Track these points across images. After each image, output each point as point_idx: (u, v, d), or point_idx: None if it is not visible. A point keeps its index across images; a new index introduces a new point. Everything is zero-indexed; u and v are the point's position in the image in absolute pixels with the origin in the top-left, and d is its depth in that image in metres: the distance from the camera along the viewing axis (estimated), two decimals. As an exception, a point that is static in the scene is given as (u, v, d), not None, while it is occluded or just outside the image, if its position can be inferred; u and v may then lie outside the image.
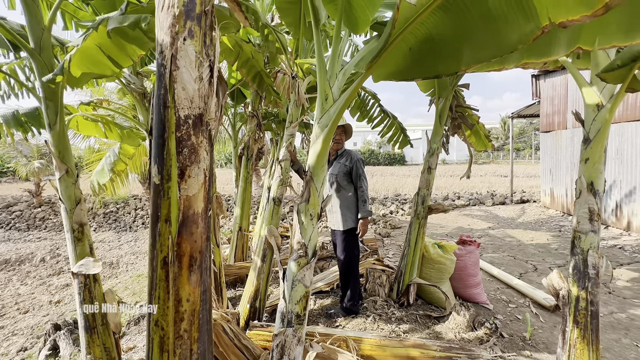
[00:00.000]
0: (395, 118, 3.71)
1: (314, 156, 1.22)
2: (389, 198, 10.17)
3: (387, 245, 5.14)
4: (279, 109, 4.61)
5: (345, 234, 2.50)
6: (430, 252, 2.85)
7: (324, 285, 3.08)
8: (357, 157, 2.55)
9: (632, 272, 3.86)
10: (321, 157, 1.22)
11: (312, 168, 1.23)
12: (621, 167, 5.44)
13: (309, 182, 1.21)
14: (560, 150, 7.03)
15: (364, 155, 31.67)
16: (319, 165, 1.23)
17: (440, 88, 2.76)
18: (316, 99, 3.89)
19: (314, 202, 1.23)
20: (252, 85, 3.60)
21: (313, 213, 1.24)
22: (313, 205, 1.23)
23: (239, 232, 3.77)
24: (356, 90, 1.08)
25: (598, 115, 1.60)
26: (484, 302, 3.01)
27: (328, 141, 1.20)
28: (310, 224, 1.27)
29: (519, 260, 4.41)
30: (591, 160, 1.61)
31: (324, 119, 1.18)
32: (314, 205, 1.24)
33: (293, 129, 2.84)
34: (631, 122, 5.21)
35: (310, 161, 1.24)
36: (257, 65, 3.49)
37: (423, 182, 2.86)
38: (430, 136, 2.89)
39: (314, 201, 1.23)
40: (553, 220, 6.69)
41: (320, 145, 1.19)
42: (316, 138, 1.21)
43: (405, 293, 2.84)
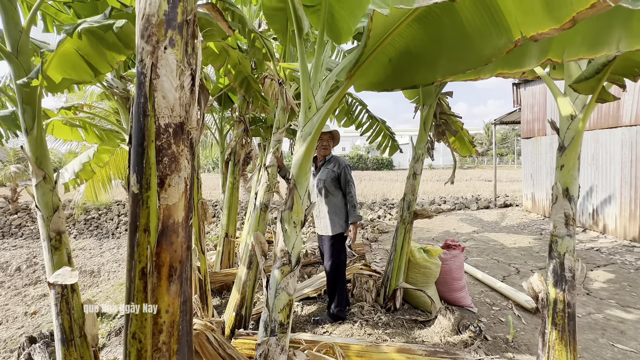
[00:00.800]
0: (384, 123, 3.77)
1: (297, 164, 1.23)
2: (377, 203, 10.25)
3: (375, 250, 5.17)
4: (267, 115, 4.61)
5: (332, 239, 2.50)
6: (416, 257, 2.88)
7: (311, 291, 3.07)
8: (344, 163, 2.57)
9: (608, 273, 4.01)
10: (304, 165, 1.22)
11: (296, 176, 1.24)
12: (597, 172, 5.66)
13: (293, 189, 1.21)
14: (540, 155, 7.27)
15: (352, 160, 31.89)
16: (302, 173, 1.23)
17: (424, 96, 2.82)
18: None
19: (297, 210, 1.23)
20: (240, 91, 3.60)
21: (297, 221, 1.24)
22: (297, 213, 1.23)
23: (226, 239, 3.72)
24: (339, 99, 1.10)
25: (572, 125, 1.67)
26: (468, 306, 3.06)
27: (311, 149, 1.21)
28: (293, 231, 1.26)
29: (502, 263, 4.51)
30: (566, 167, 1.67)
31: (307, 127, 1.19)
32: (298, 213, 1.24)
33: (280, 135, 2.84)
34: (605, 129, 5.45)
35: (293, 169, 1.24)
36: (244, 70, 3.49)
37: (409, 188, 2.90)
38: (415, 142, 2.94)
39: (297, 209, 1.23)
40: (534, 224, 6.89)
41: (303, 153, 1.20)
42: (300, 146, 1.21)
43: (392, 298, 2.86)
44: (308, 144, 1.18)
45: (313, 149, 1.21)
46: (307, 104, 1.20)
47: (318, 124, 1.16)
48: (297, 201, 1.21)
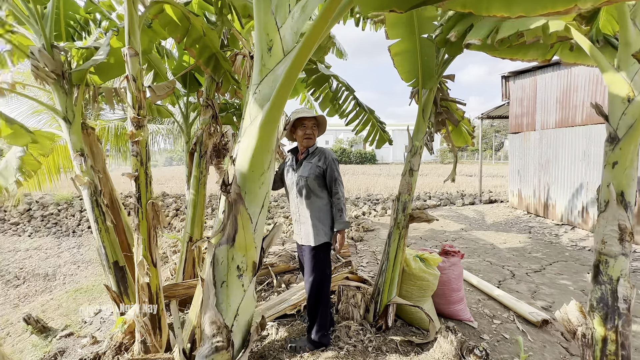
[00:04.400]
0: (372, 112, 3.31)
1: (246, 155, 0.74)
2: (361, 198, 9.89)
3: (361, 251, 4.77)
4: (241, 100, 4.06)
5: (315, 251, 2.03)
6: (411, 267, 2.47)
7: (288, 308, 2.60)
8: (331, 156, 2.09)
9: (606, 276, 3.79)
10: (260, 158, 0.73)
11: (243, 177, 0.74)
12: (588, 169, 5.50)
13: (236, 204, 0.71)
14: (528, 151, 7.10)
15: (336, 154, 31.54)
16: (256, 174, 0.74)
17: (424, 77, 2.38)
18: None
19: (245, 243, 0.72)
20: (206, 70, 3.02)
21: (244, 264, 0.74)
22: (243, 249, 0.73)
23: (190, 243, 3.18)
24: (329, 28, 0.63)
25: (629, 108, 1.27)
26: (467, 320, 2.70)
27: (272, 128, 0.72)
28: (237, 285, 0.78)
29: (495, 265, 4.22)
30: (621, 165, 1.27)
31: (265, 86, 0.71)
32: (247, 249, 0.73)
33: (251, 121, 2.32)
34: (598, 124, 5.26)
35: (239, 164, 0.74)
36: (211, 45, 2.91)
37: (404, 186, 2.47)
38: (412, 133, 2.51)
39: (245, 241, 0.73)
40: (521, 221, 6.73)
41: (257, 134, 0.71)
42: (251, 121, 0.73)
43: (384, 315, 2.44)
44: (266, 117, 0.69)
45: (275, 129, 0.73)
46: (265, 42, 0.70)
47: (284, 78, 0.67)
48: (244, 226, 0.71)
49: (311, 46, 0.62)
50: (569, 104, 5.87)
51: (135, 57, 2.07)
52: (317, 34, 0.60)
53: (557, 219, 6.24)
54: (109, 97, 2.77)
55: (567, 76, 5.88)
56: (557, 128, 6.23)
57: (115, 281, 2.60)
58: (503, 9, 0.75)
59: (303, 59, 0.67)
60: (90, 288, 5.48)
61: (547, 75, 6.38)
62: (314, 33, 0.59)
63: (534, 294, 3.35)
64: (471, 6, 0.79)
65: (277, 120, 0.72)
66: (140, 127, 2.10)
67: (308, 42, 0.61)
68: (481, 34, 1.82)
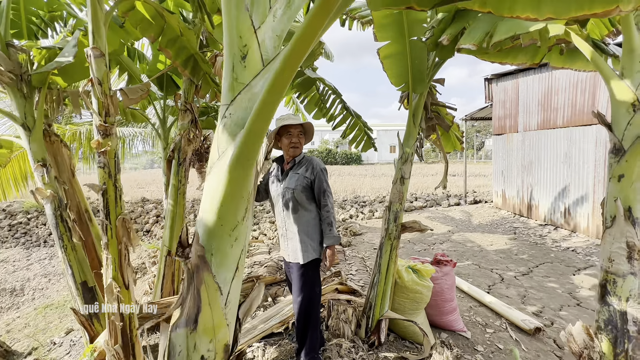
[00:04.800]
0: (359, 117, 3.20)
1: (212, 204, 0.58)
2: (348, 200, 9.81)
3: (349, 257, 4.66)
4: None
5: (304, 269, 1.89)
6: (404, 279, 2.37)
7: (276, 325, 2.45)
8: (319, 166, 1.95)
9: (591, 277, 3.84)
10: (230, 206, 0.58)
11: (209, 233, 0.58)
12: (569, 170, 5.61)
13: (199, 271, 0.54)
14: (511, 152, 7.21)
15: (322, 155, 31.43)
16: (227, 227, 0.58)
17: (414, 81, 2.28)
18: None
19: (212, 324, 0.53)
20: (184, 72, 2.83)
21: (211, 352, 0.57)
22: (210, 332, 0.55)
23: (169, 257, 2.97)
24: (326, 28, 0.49)
25: (635, 118, 1.20)
26: (461, 330, 2.63)
27: (246, 164, 0.56)
28: None
29: (483, 269, 4.21)
30: (627, 178, 1.20)
31: (237, 108, 0.55)
32: (215, 330, 0.55)
33: (232, 128, 2.16)
34: (579, 127, 5.37)
35: (203, 216, 0.58)
36: (189, 46, 2.72)
37: (395, 195, 2.37)
38: (402, 139, 2.41)
39: (212, 321, 0.56)
40: (506, 222, 6.81)
41: (226, 176, 0.55)
42: (219, 155, 0.58)
43: (376, 330, 2.33)
44: (238, 154, 0.53)
45: (252, 166, 0.58)
46: (237, 48, 0.54)
47: (264, 98, 0.52)
48: (210, 303, 0.53)
49: (303, 52, 0.46)
50: (550, 106, 5.98)
51: (100, 59, 1.86)
52: (311, 36, 0.44)
53: (541, 219, 6.35)
54: (75, 101, 2.54)
55: (548, 79, 5.99)
56: (539, 130, 6.34)
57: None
58: (529, 10, 0.64)
59: (291, 70, 0.50)
60: (62, 304, 5.12)
61: (529, 78, 6.49)
62: (307, 34, 0.43)
63: (524, 298, 3.33)
64: (491, 5, 0.68)
65: (254, 155, 0.55)
66: (107, 135, 1.90)
67: (299, 46, 0.44)
68: (475, 37, 1.74)
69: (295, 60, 0.47)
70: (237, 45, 0.55)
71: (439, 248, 5.21)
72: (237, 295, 0.61)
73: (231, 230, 0.62)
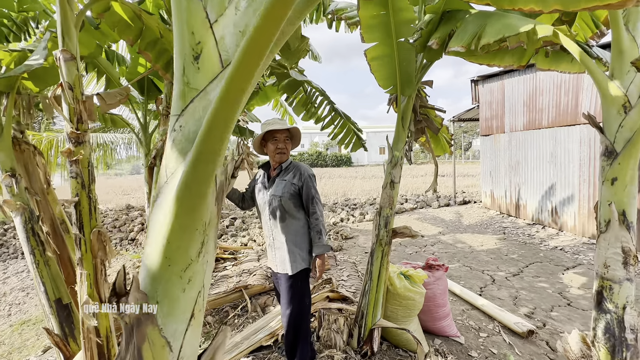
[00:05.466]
0: (348, 118, 3.15)
1: (157, 238, 0.48)
2: (339, 203, 9.76)
3: (341, 262, 4.59)
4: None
5: (292, 280, 1.81)
6: (396, 286, 2.31)
7: (264, 338, 2.35)
8: (307, 172, 1.87)
9: (579, 276, 3.87)
10: (181, 241, 0.47)
11: (153, 276, 0.47)
12: (555, 170, 5.69)
13: (141, 325, 0.43)
14: (499, 153, 7.29)
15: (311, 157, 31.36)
16: (177, 266, 0.47)
17: (403, 84, 2.24)
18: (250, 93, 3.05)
19: None
20: (165, 75, 2.72)
21: None
22: None
23: (151, 269, 2.83)
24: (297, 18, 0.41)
25: (626, 120, 1.17)
26: (454, 335, 2.59)
27: (199, 189, 0.47)
28: None
29: (475, 270, 4.20)
30: (620, 181, 1.17)
31: (189, 119, 0.46)
32: None
33: (215, 134, 2.07)
34: (564, 127, 5.46)
35: (148, 253, 0.49)
36: (170, 48, 2.62)
37: (385, 200, 2.31)
38: (392, 143, 2.36)
39: None
40: (495, 222, 6.87)
41: (173, 204, 0.46)
42: (167, 177, 0.49)
43: (369, 340, 2.26)
44: (188, 176, 0.44)
45: (207, 190, 0.49)
46: (188, 46, 0.47)
47: (217, 106, 0.43)
48: None
49: (265, 45, 0.37)
50: (535, 107, 6.07)
51: (71, 62, 1.75)
52: (273, 26, 0.35)
53: (529, 218, 6.42)
54: (46, 106, 2.40)
55: (533, 80, 6.09)
56: (525, 130, 6.43)
57: (58, 322, 2.23)
58: (533, 1, 0.59)
59: (252, 69, 0.41)
60: (40, 319, 4.87)
61: (514, 80, 6.58)
62: (271, 20, 0.34)
63: (516, 300, 3.32)
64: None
65: (207, 178, 0.48)
66: (80, 143, 1.78)
67: (258, 38, 0.35)
68: (464, 40, 1.71)
69: (259, 54, 0.39)
70: (189, 43, 0.45)
71: (430, 250, 5.19)
72: (195, 349, 0.51)
73: (182, 270, 0.52)
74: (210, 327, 2.80)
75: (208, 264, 0.53)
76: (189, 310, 0.52)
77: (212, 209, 0.52)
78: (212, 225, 0.52)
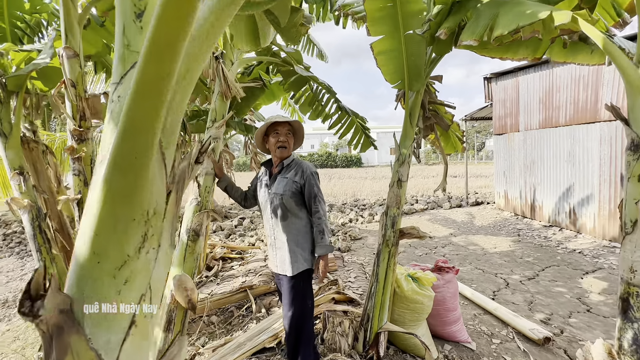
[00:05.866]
0: (356, 116, 3.08)
1: (87, 227, 0.42)
2: (348, 204, 9.67)
3: (348, 263, 4.51)
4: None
5: (295, 280, 1.75)
6: (403, 289, 2.23)
7: (268, 340, 2.30)
8: (310, 169, 1.81)
9: (600, 280, 3.68)
10: (113, 232, 0.40)
11: (81, 273, 0.41)
12: (574, 170, 5.46)
13: (62, 333, 0.34)
14: (513, 152, 7.07)
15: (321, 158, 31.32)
16: (108, 262, 0.39)
17: (410, 78, 2.16)
18: (256, 91, 2.97)
19: None
20: (172, 74, 2.72)
21: None
22: None
23: (156, 268, 2.83)
24: None
25: (655, 111, 1.06)
26: (465, 341, 2.48)
27: (132, 167, 0.40)
28: None
29: (487, 273, 4.05)
30: (649, 178, 1.07)
31: (128, 88, 0.39)
32: None
33: (217, 131, 2.04)
34: (582, 124, 5.23)
35: (78, 245, 0.42)
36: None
37: (392, 199, 2.23)
38: (399, 140, 2.28)
39: None
40: (509, 223, 6.66)
41: (102, 186, 0.39)
42: (102, 157, 0.43)
43: (375, 344, 2.18)
44: (115, 155, 0.37)
45: (143, 170, 0.41)
46: (128, 6, 0.40)
47: (142, 68, 0.35)
48: None
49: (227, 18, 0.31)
50: (552, 104, 5.85)
51: (74, 59, 1.75)
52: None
53: (545, 220, 6.19)
54: (54, 105, 2.42)
55: (549, 76, 5.87)
56: (541, 129, 6.20)
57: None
58: None
59: (182, 15, 0.34)
60: (53, 315, 4.99)
61: (529, 76, 6.37)
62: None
63: (531, 305, 3.17)
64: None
65: (141, 154, 0.40)
66: (82, 140, 1.78)
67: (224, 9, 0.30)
68: (476, 32, 1.62)
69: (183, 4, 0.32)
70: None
71: (441, 252, 5.05)
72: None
73: (115, 268, 0.44)
74: (214, 327, 2.78)
75: (159, 262, 0.47)
76: (127, 317, 0.44)
77: (159, 196, 0.46)
78: (158, 216, 0.45)
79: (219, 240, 5.44)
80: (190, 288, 1.74)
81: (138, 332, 0.42)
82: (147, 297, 0.43)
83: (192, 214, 1.82)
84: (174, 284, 1.70)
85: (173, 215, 0.47)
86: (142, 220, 0.43)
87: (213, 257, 4.33)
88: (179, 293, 1.69)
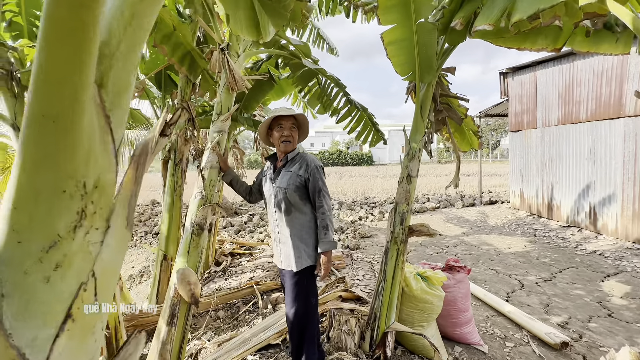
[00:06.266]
0: (365, 110, 3.01)
1: (6, 201, 0.37)
2: (358, 202, 9.58)
3: (357, 261, 4.45)
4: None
5: (298, 276, 1.71)
6: (412, 288, 2.15)
7: (273, 336, 2.27)
8: (314, 163, 1.76)
9: (622, 284, 3.50)
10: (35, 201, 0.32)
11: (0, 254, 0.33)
12: (594, 167, 5.22)
13: None
14: (530, 150, 6.83)
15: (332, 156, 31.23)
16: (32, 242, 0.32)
17: (422, 70, 2.07)
18: (265, 86, 2.92)
19: None
20: (181, 69, 2.70)
21: None
22: None
23: (164, 262, 2.85)
24: None
25: (693, 97, 0.96)
26: (476, 344, 2.39)
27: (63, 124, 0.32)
28: None
29: (501, 274, 3.92)
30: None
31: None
32: None
33: (222, 124, 2.01)
34: (604, 120, 4.99)
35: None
36: (184, 42, 2.60)
37: (401, 195, 2.16)
38: (409, 134, 2.20)
39: None
40: (525, 223, 6.44)
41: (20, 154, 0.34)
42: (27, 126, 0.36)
43: (382, 344, 2.12)
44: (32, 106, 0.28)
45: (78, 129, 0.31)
46: None
47: None
48: None
49: None
50: (572, 99, 5.60)
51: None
52: None
53: (563, 220, 5.96)
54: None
55: (569, 70, 5.62)
56: (560, 125, 5.96)
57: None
58: None
59: None
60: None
61: (548, 70, 6.12)
62: None
63: (547, 307, 3.04)
64: None
65: (69, 114, 0.33)
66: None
67: None
68: (491, 17, 1.52)
69: None
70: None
71: (453, 251, 4.93)
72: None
73: (42, 250, 0.37)
74: (220, 322, 2.78)
75: (107, 246, 0.40)
76: (61, 310, 0.38)
77: (103, 168, 0.40)
78: (103, 191, 0.39)
79: (228, 236, 5.47)
80: (194, 282, 1.72)
81: (77, 328, 0.38)
82: (90, 287, 0.38)
83: (196, 208, 1.80)
84: (177, 277, 1.69)
85: (131, 194, 0.42)
86: (78, 193, 0.37)
87: (222, 252, 4.35)
88: (182, 287, 1.67)
